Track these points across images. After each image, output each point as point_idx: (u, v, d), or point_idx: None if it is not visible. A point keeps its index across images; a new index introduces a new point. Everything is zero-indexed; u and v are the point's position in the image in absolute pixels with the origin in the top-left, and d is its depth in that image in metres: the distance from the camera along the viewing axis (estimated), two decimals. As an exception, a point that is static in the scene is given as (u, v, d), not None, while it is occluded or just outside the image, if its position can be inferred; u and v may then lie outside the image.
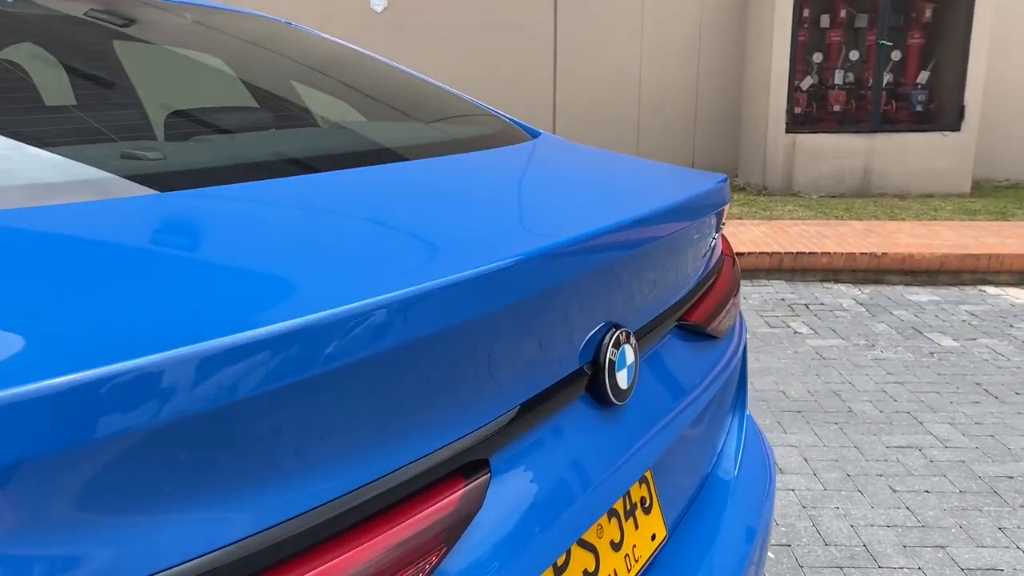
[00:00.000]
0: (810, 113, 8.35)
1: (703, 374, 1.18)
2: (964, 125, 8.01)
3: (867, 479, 2.74)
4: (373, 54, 1.62)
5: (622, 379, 0.92)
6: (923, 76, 8.28)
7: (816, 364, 3.89)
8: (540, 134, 1.51)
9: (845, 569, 2.23)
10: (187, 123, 1.20)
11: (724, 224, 1.32)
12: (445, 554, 0.67)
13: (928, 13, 8.15)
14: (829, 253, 5.48)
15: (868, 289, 5.31)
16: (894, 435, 3.09)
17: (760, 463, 1.48)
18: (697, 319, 1.19)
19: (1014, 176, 9.00)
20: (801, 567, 2.24)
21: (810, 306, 4.90)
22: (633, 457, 0.95)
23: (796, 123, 8.21)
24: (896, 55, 8.27)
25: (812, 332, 4.40)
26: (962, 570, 2.23)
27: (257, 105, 1.34)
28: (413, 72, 1.61)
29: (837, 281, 5.46)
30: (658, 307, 1.07)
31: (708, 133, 9.26)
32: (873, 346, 4.17)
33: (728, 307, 1.30)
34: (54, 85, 1.11)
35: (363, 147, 1.18)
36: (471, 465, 0.73)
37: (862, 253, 5.47)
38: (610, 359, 0.90)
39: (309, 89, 1.34)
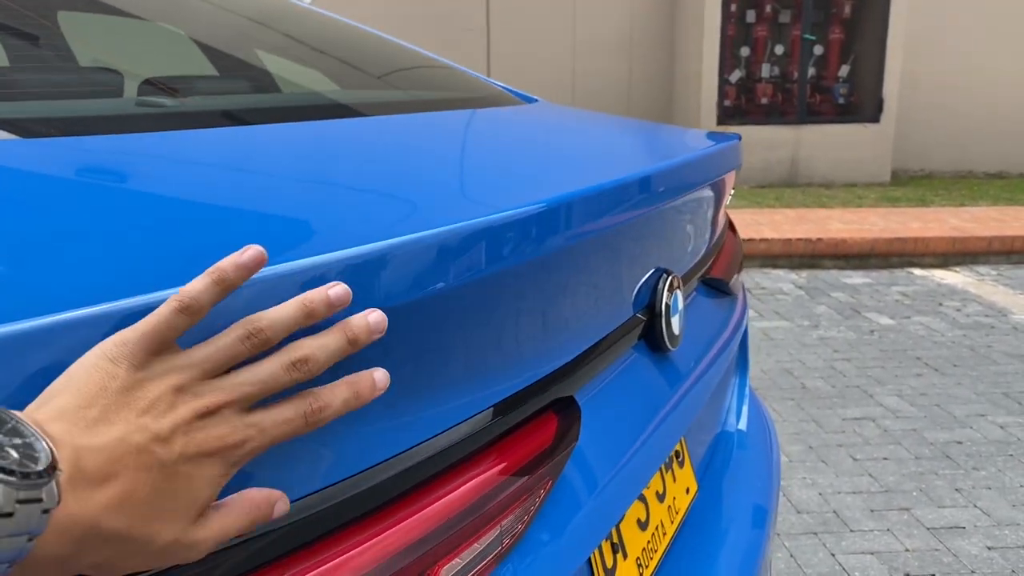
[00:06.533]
0: (739, 106, 8.56)
1: (725, 327, 1.19)
2: (883, 117, 8.34)
3: (828, 450, 2.82)
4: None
5: (675, 324, 0.92)
6: (844, 70, 8.58)
7: (766, 344, 3.98)
8: (538, 100, 1.50)
9: (820, 535, 2.29)
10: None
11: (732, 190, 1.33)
12: (551, 486, 0.66)
13: (847, 9, 8.45)
14: (767, 239, 5.62)
15: (805, 273, 5.47)
16: (848, 408, 3.19)
17: (760, 419, 1.50)
18: (719, 274, 1.21)
19: (926, 166, 9.42)
20: (778, 535, 2.29)
21: (752, 291, 5.02)
22: (683, 403, 0.95)
23: (726, 115, 8.41)
24: (818, 49, 8.55)
25: (758, 315, 4.50)
26: (928, 529, 2.31)
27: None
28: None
29: (775, 266, 5.61)
30: (691, 259, 1.08)
31: (640, 127, 9.39)
32: (816, 326, 4.30)
33: (740, 266, 1.32)
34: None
35: (398, 99, 1.15)
36: (561, 402, 0.72)
37: (798, 239, 5.64)
38: (666, 304, 0.90)
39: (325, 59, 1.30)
